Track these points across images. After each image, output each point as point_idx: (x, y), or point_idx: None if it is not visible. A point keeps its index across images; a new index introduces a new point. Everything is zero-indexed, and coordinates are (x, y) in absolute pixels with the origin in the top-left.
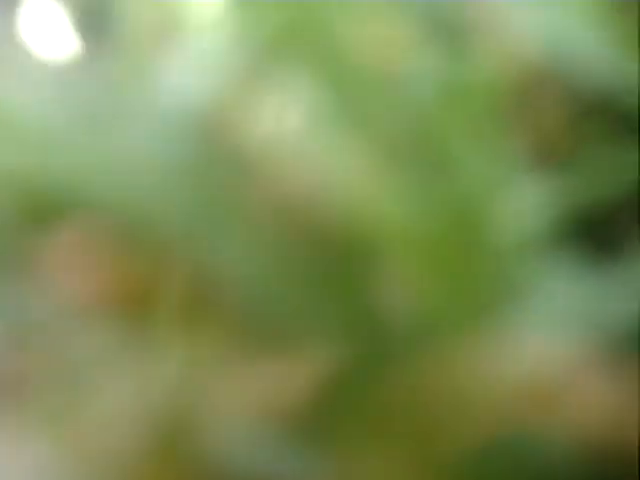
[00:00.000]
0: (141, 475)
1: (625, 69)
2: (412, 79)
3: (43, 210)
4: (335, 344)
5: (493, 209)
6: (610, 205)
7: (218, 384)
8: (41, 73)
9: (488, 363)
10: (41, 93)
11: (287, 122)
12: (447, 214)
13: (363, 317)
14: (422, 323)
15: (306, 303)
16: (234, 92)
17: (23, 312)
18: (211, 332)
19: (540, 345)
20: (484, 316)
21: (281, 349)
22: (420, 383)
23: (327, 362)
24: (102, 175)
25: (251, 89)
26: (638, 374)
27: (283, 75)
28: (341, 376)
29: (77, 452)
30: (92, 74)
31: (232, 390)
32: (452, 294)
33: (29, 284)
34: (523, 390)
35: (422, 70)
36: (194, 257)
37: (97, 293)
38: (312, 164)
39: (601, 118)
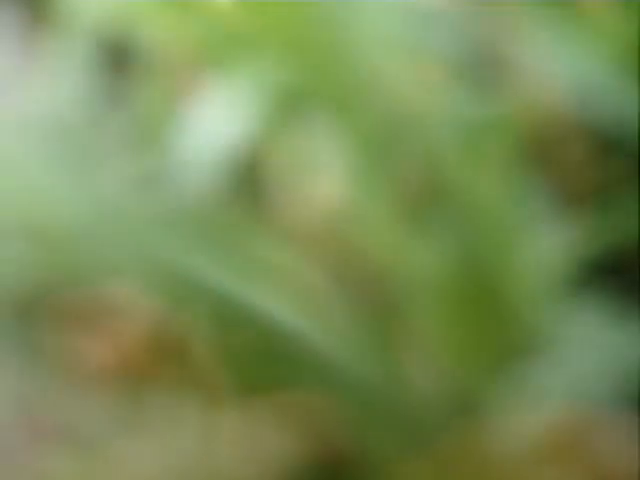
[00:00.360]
0: None
1: None
2: (438, 122)
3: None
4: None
5: (517, 256)
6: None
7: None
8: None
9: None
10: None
11: (317, 170)
12: (471, 264)
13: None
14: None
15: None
16: (265, 139)
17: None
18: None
19: (564, 398)
20: (509, 367)
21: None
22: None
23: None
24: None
25: (280, 135)
26: None
27: (310, 119)
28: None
29: None
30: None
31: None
32: (477, 346)
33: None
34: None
35: (449, 112)
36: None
37: (117, 358)
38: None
39: (625, 160)
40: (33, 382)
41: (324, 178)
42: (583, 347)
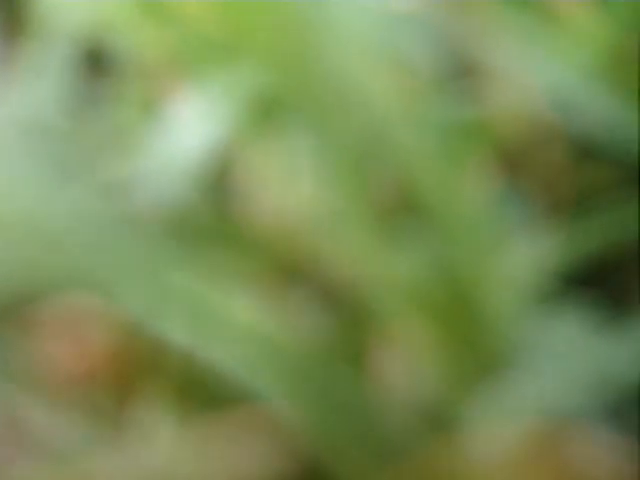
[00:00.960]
0: None
1: (625, 118)
2: (414, 128)
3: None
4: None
5: (493, 266)
6: (617, 256)
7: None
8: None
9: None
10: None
11: (291, 177)
12: (446, 274)
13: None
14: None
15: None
16: (240, 145)
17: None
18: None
19: (540, 411)
20: (484, 379)
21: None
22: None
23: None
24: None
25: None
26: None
27: (285, 126)
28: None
29: None
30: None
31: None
32: (455, 357)
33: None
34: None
35: (424, 119)
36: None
37: (86, 367)
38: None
39: (604, 167)
40: (3, 394)
41: (298, 185)
42: (559, 359)
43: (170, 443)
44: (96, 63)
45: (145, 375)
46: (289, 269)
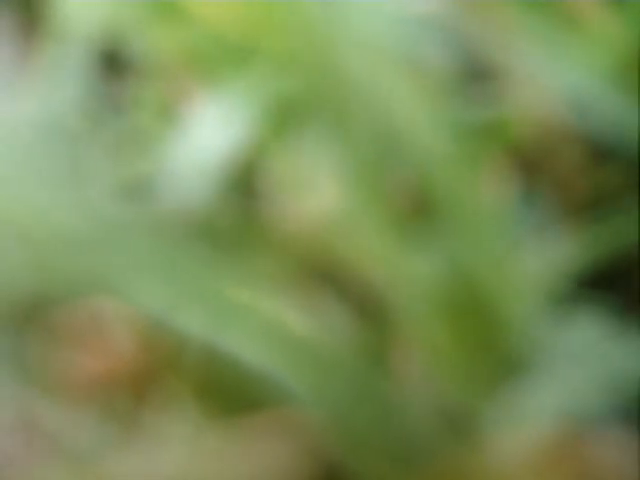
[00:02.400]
0: None
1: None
2: (432, 132)
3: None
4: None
5: (511, 269)
6: (633, 258)
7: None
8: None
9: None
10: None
11: (311, 180)
12: (464, 278)
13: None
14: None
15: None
16: (259, 150)
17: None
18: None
19: (558, 415)
20: (502, 384)
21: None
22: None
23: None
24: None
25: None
26: None
27: (304, 130)
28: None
29: None
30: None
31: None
32: (473, 360)
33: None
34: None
35: (442, 122)
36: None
37: (106, 370)
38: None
39: (621, 170)
40: (22, 396)
41: (318, 190)
42: (577, 362)
43: (189, 446)
44: (113, 64)
45: (165, 377)
46: (312, 271)
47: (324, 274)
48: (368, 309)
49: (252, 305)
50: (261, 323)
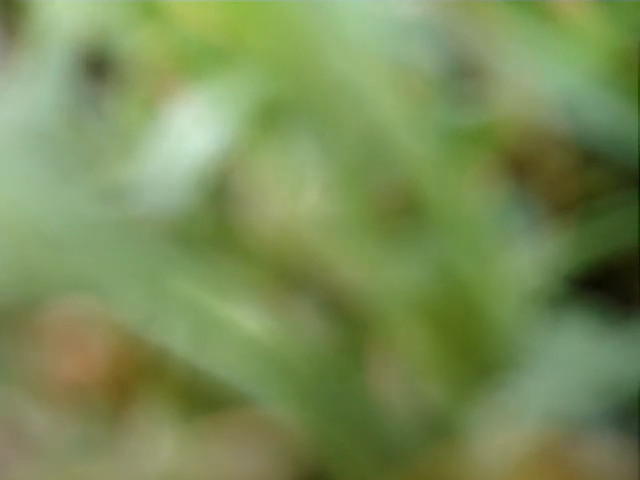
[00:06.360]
0: None
1: (631, 123)
2: (418, 134)
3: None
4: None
5: (497, 271)
6: (622, 260)
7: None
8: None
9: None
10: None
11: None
12: (449, 279)
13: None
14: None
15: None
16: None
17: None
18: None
19: (544, 416)
20: (488, 384)
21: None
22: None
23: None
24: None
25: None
26: None
27: (288, 131)
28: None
29: None
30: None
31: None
32: (458, 362)
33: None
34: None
35: (429, 124)
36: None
37: (86, 371)
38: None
39: (609, 171)
40: (4, 397)
41: (301, 191)
42: (564, 363)
43: (171, 447)
44: (96, 66)
45: (146, 379)
46: (291, 276)
47: (303, 277)
48: (348, 312)
49: (230, 312)
50: (239, 330)
